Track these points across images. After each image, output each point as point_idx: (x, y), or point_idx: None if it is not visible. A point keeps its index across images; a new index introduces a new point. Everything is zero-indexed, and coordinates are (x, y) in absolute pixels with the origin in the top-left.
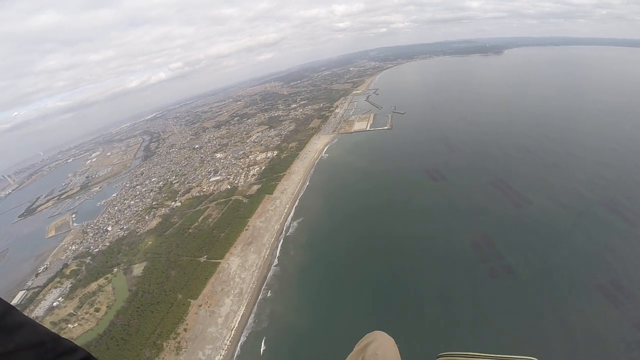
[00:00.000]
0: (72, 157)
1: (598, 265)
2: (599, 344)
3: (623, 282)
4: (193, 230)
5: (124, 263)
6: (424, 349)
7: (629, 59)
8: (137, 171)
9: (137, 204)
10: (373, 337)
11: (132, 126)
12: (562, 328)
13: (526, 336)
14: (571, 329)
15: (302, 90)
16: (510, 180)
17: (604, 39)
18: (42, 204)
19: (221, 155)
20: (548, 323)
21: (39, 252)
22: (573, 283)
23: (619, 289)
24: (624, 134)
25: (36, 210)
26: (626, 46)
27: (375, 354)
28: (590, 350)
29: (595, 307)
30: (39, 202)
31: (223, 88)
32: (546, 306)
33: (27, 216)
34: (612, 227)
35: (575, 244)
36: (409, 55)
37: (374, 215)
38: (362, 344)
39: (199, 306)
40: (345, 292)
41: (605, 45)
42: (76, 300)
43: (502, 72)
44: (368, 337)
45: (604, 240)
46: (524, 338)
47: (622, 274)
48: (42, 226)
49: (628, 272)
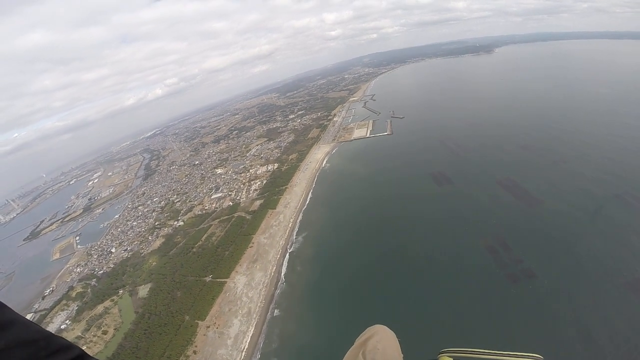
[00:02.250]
0: (75, 179)
1: (620, 262)
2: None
3: None
4: (197, 249)
5: (129, 285)
6: None
7: (612, 51)
8: (138, 191)
9: (139, 224)
10: (374, 331)
11: (132, 144)
12: (592, 332)
13: (553, 342)
14: (604, 332)
15: (299, 101)
16: (518, 179)
17: (587, 32)
18: (46, 227)
19: (222, 170)
20: (576, 327)
21: (44, 274)
22: (597, 283)
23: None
24: (623, 125)
25: (40, 233)
26: (608, 38)
27: (376, 348)
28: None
29: (627, 306)
30: (43, 225)
31: (220, 102)
32: (573, 309)
33: (31, 239)
34: (628, 222)
35: (592, 242)
36: (401, 59)
37: (381, 225)
38: (362, 338)
39: (207, 327)
40: (358, 307)
41: (588, 38)
42: (83, 323)
43: (496, 70)
44: (369, 331)
45: (621, 237)
46: (550, 343)
47: None
48: (46, 249)
49: None
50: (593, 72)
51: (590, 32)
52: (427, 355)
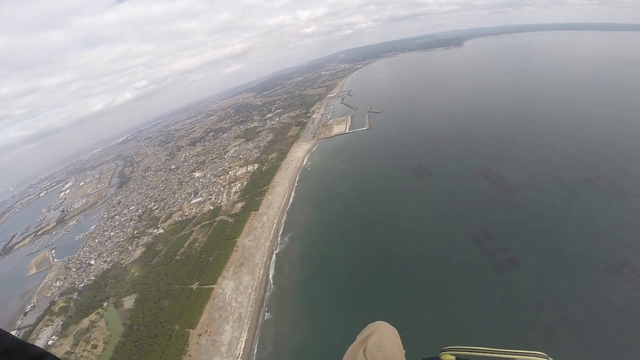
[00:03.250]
0: (45, 191)
1: (598, 246)
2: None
3: (630, 258)
4: (180, 256)
5: (113, 296)
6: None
7: (573, 42)
8: (113, 200)
9: (117, 234)
10: (375, 327)
11: (103, 151)
12: (577, 316)
13: (539, 328)
14: (587, 316)
15: (277, 99)
16: (495, 168)
17: (549, 24)
18: (19, 242)
19: (200, 174)
20: (561, 313)
21: (22, 290)
22: (578, 268)
23: (626, 266)
24: (588, 114)
25: (13, 248)
26: (569, 30)
27: (377, 345)
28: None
29: (611, 288)
30: (15, 240)
31: (194, 103)
32: (558, 295)
33: (4, 255)
34: (602, 205)
35: (570, 227)
36: (375, 54)
37: (366, 220)
38: (364, 335)
39: (198, 335)
40: (348, 304)
41: (551, 30)
42: (71, 338)
43: (466, 63)
44: (370, 327)
45: (595, 220)
46: (537, 330)
47: (626, 250)
48: (21, 264)
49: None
50: (557, 63)
51: (552, 24)
52: (429, 353)
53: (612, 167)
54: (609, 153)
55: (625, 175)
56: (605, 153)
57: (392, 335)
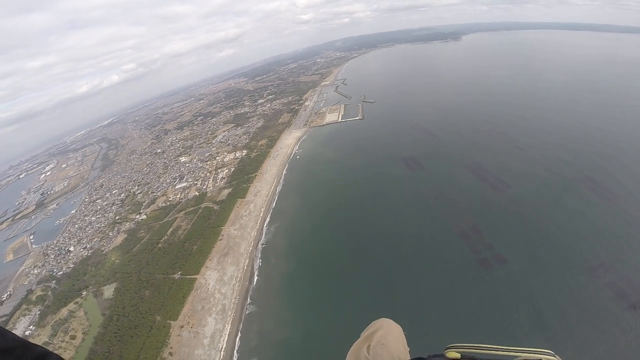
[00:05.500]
0: (25, 172)
1: (585, 245)
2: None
3: (606, 259)
4: (162, 244)
5: (93, 285)
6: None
7: (571, 42)
8: (95, 183)
9: (98, 219)
10: (380, 324)
11: (87, 134)
12: (563, 314)
13: (527, 326)
14: (573, 316)
15: (269, 85)
16: (485, 164)
17: (549, 23)
18: None
19: (186, 158)
20: (547, 311)
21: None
22: (566, 267)
23: (605, 267)
24: (580, 113)
25: None
26: (568, 29)
27: (382, 343)
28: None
29: (594, 290)
30: None
31: (184, 87)
32: (543, 294)
33: None
34: (590, 205)
35: (557, 225)
36: (372, 44)
37: (355, 212)
38: (368, 332)
39: (180, 327)
40: (334, 297)
41: (550, 29)
42: (49, 328)
43: (463, 57)
44: (375, 324)
45: (585, 219)
46: (525, 328)
47: (605, 250)
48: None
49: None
50: (553, 62)
51: (553, 23)
52: (433, 351)
53: (602, 167)
54: (600, 153)
55: (616, 176)
56: (596, 153)
57: (397, 332)
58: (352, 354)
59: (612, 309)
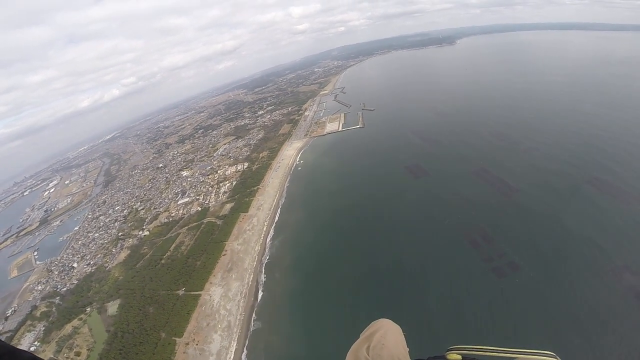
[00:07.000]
0: (29, 189)
1: (597, 250)
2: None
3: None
4: (166, 260)
5: (97, 302)
6: None
7: (563, 41)
8: (98, 200)
9: (102, 236)
10: (379, 325)
11: (90, 149)
12: (582, 322)
13: (546, 335)
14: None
15: (268, 96)
16: (491, 169)
17: (540, 23)
18: (1, 243)
19: (187, 173)
20: (566, 319)
21: (3, 294)
22: (581, 272)
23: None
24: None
25: None
26: (559, 29)
27: (381, 343)
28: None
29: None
30: None
31: (184, 100)
32: (562, 301)
33: None
34: (600, 206)
35: (569, 231)
36: (368, 51)
37: (360, 224)
38: (367, 332)
39: (186, 344)
40: (341, 312)
41: (543, 29)
42: (53, 344)
43: (458, 61)
44: (374, 325)
45: (596, 221)
46: (544, 337)
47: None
48: (2, 266)
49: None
50: (548, 62)
51: (544, 24)
52: (434, 352)
53: (610, 168)
54: (607, 153)
55: (624, 176)
56: (602, 153)
57: (396, 332)
58: (351, 354)
59: (630, 313)
